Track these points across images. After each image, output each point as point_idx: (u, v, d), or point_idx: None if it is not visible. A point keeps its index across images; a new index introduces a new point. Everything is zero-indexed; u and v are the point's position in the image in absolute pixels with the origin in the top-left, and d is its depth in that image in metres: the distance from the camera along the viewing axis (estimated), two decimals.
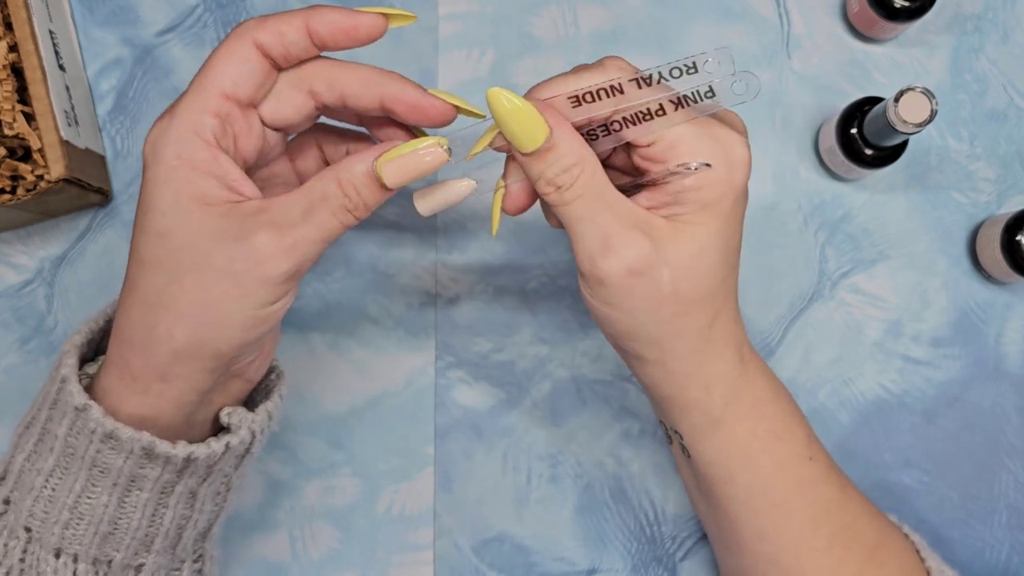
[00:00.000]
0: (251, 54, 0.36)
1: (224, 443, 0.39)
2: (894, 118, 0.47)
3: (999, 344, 0.55)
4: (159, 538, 0.39)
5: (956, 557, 0.53)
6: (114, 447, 0.37)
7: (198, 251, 0.35)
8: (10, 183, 0.49)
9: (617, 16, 0.56)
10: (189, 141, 0.35)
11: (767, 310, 0.55)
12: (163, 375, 0.37)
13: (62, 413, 0.37)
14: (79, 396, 0.37)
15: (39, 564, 0.38)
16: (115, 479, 0.37)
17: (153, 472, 0.38)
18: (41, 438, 0.39)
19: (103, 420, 0.36)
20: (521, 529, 0.53)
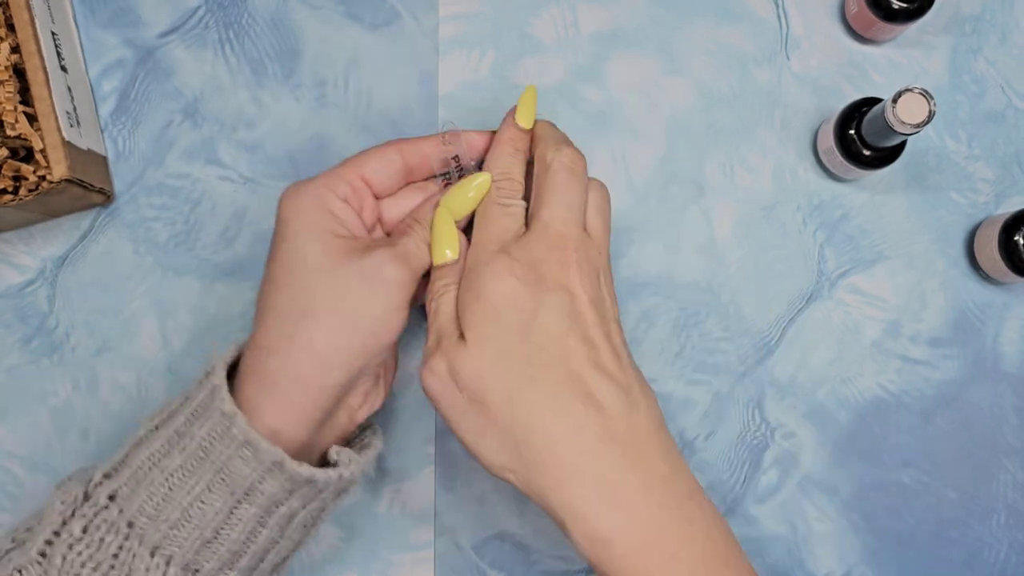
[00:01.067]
0: (393, 156, 0.45)
1: (338, 473, 0.41)
2: (892, 119, 0.47)
3: (997, 344, 0.55)
4: (247, 557, 0.40)
5: (954, 557, 0.53)
6: (246, 457, 0.39)
7: (329, 266, 0.41)
8: (12, 183, 0.49)
9: (617, 17, 0.57)
10: (324, 193, 0.43)
11: (766, 310, 0.55)
12: (299, 382, 0.40)
13: (206, 417, 0.39)
14: (228, 404, 0.39)
15: (133, 560, 0.39)
16: (234, 488, 0.39)
17: (270, 488, 0.39)
18: (172, 439, 0.40)
19: (246, 428, 0.39)
20: (521, 528, 0.53)
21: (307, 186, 0.43)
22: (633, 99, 0.56)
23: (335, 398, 0.42)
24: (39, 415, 0.53)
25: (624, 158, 0.56)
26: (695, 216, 0.55)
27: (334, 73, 0.56)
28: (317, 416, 0.41)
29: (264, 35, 0.56)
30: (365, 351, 0.41)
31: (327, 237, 0.42)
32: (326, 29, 0.56)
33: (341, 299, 0.41)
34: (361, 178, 0.44)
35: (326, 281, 0.41)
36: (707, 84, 0.56)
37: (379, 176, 0.45)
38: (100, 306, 0.54)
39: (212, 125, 0.55)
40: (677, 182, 0.56)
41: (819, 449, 0.54)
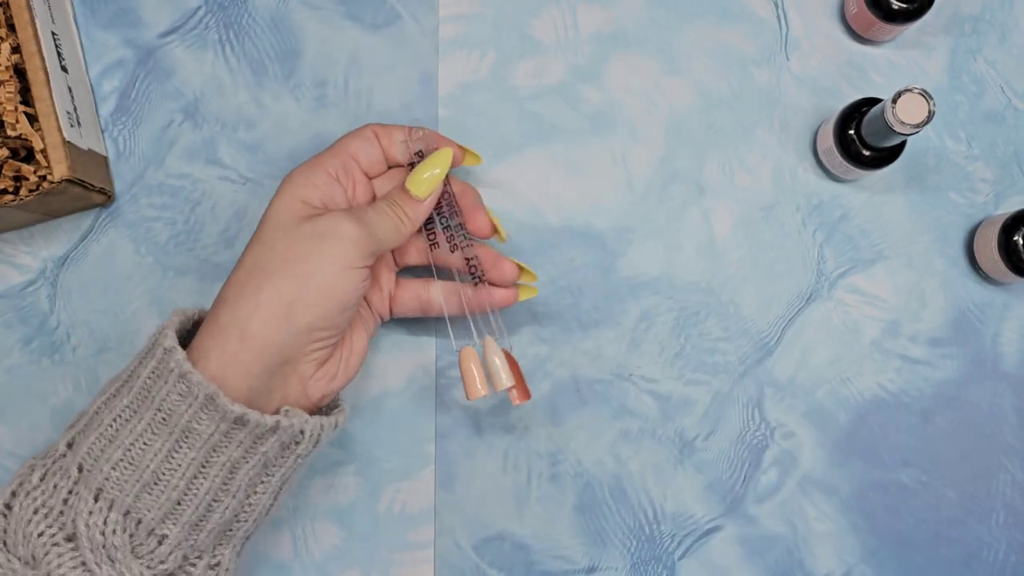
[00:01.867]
0: (372, 138, 0.48)
1: (275, 420, 0.41)
2: (892, 119, 0.47)
3: (996, 344, 0.55)
4: (189, 509, 0.41)
5: (954, 556, 0.53)
6: (183, 392, 0.40)
7: (290, 224, 0.43)
8: (13, 184, 0.49)
9: (616, 17, 0.57)
10: (313, 169, 0.46)
11: (765, 310, 0.55)
12: (243, 331, 0.41)
13: (151, 356, 0.41)
14: (170, 339, 0.41)
15: (79, 504, 0.40)
16: (172, 427, 0.40)
17: (207, 428, 0.40)
18: (125, 382, 0.42)
19: (182, 362, 0.40)
20: (521, 527, 0.53)
21: (302, 164, 0.46)
22: (633, 99, 0.56)
23: (279, 355, 0.42)
24: (39, 415, 0.53)
25: (624, 158, 0.56)
26: (695, 216, 0.55)
27: (334, 73, 0.56)
28: (258, 371, 0.42)
29: (264, 35, 0.56)
30: (313, 308, 0.42)
31: (297, 204, 0.44)
32: (326, 30, 0.56)
33: (294, 253, 0.42)
34: (349, 155, 0.47)
35: (284, 237, 0.43)
36: (707, 84, 0.56)
37: (363, 153, 0.48)
38: (101, 306, 0.54)
39: (212, 125, 0.55)
40: (677, 182, 0.56)
41: (819, 449, 0.54)
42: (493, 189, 0.55)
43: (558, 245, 0.55)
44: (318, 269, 0.42)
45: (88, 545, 0.40)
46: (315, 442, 0.43)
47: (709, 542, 0.53)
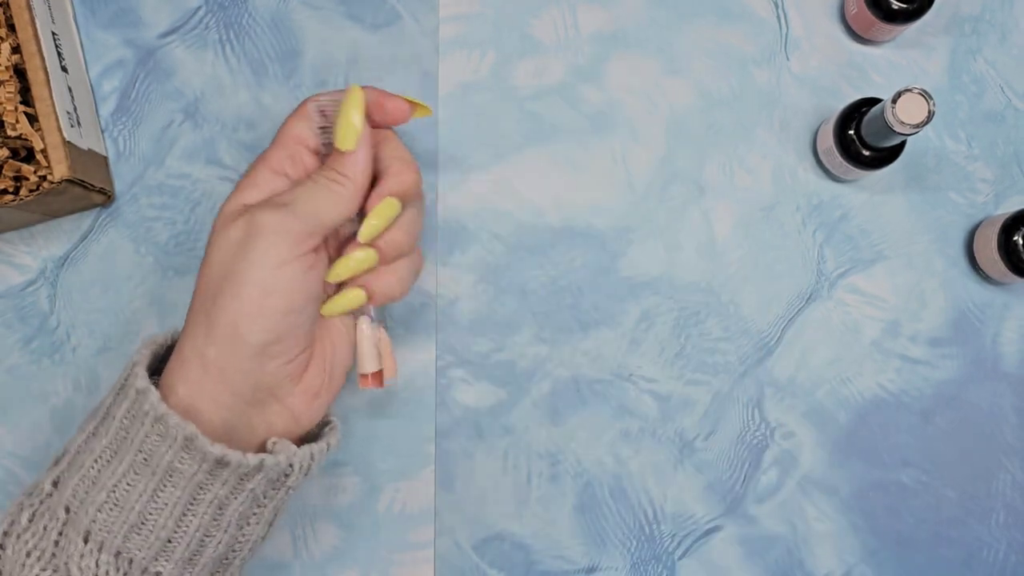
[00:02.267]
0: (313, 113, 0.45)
1: (260, 459, 0.40)
2: (892, 119, 0.47)
3: (996, 344, 0.55)
4: (180, 546, 0.40)
5: (954, 556, 0.53)
6: (161, 433, 0.38)
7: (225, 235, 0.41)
8: (13, 184, 0.49)
9: (616, 17, 0.57)
10: (254, 167, 0.44)
11: (765, 310, 0.55)
12: (203, 360, 0.40)
13: (125, 395, 0.40)
14: (141, 380, 0.39)
15: (70, 546, 0.39)
16: (155, 468, 0.39)
17: (189, 468, 0.39)
18: (102, 420, 0.40)
19: (157, 404, 0.38)
20: (521, 527, 0.53)
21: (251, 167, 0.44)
22: (633, 99, 0.56)
23: (244, 380, 0.40)
24: (40, 415, 0.53)
25: (624, 158, 0.56)
26: (695, 216, 0.55)
27: (334, 73, 0.56)
28: (228, 401, 0.40)
29: (264, 35, 0.56)
30: (255, 321, 0.40)
31: (237, 209, 0.42)
32: (326, 30, 0.56)
33: (227, 266, 0.40)
34: (293, 141, 0.44)
35: (219, 251, 0.41)
36: (707, 84, 0.56)
37: (308, 133, 0.45)
38: (101, 306, 0.54)
39: (212, 125, 0.55)
40: (677, 182, 0.56)
41: (819, 449, 0.54)
42: (494, 189, 0.55)
43: (558, 245, 0.55)
44: (247, 277, 0.39)
45: None
46: (306, 471, 0.42)
47: (709, 542, 0.53)
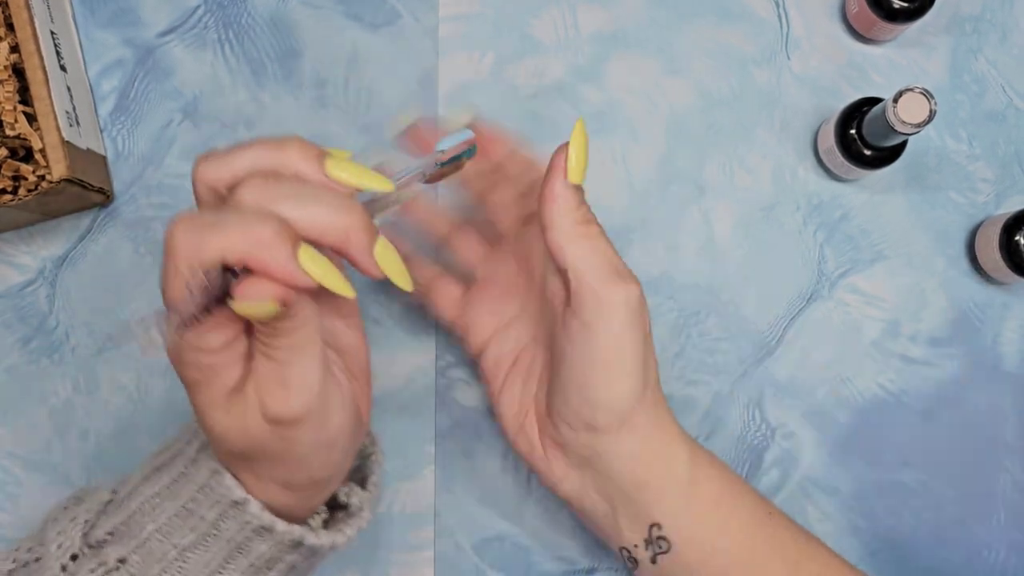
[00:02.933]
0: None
1: (356, 528, 0.40)
2: (893, 119, 0.47)
3: (997, 344, 0.55)
4: None
5: (954, 557, 0.53)
6: (264, 537, 0.37)
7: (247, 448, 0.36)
8: (12, 183, 0.49)
9: (616, 17, 0.57)
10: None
11: (766, 310, 0.55)
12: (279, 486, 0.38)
13: (214, 501, 0.37)
14: (237, 491, 0.37)
15: None
16: (253, 560, 0.38)
17: (291, 557, 0.39)
18: (181, 516, 0.38)
19: (260, 514, 0.37)
20: (521, 528, 0.53)
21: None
22: (633, 99, 0.56)
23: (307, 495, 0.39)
24: (39, 415, 0.53)
25: (624, 158, 0.56)
26: (695, 216, 0.55)
27: (334, 73, 0.56)
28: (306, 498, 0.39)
29: (264, 35, 0.56)
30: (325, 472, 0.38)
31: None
32: (326, 29, 0.56)
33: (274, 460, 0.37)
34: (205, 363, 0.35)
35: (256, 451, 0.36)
36: (707, 84, 0.56)
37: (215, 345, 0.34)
38: (100, 306, 0.54)
39: (212, 125, 0.55)
40: (677, 182, 0.56)
41: (819, 449, 0.54)
42: None
43: None
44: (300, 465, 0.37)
45: None
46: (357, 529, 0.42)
47: None
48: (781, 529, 0.44)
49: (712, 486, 0.43)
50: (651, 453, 0.42)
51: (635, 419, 0.42)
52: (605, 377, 0.41)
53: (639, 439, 0.42)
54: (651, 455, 0.42)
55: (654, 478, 0.42)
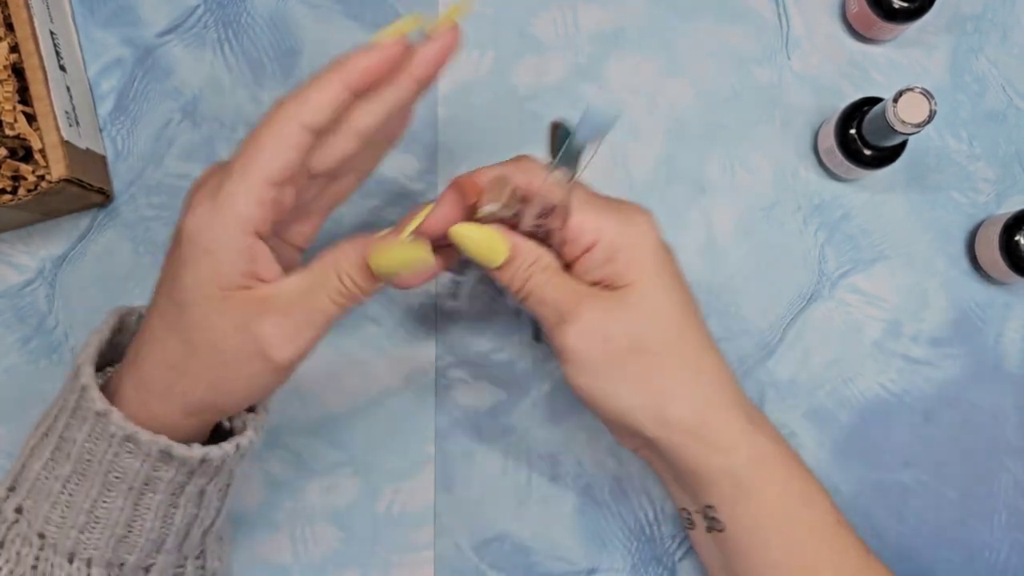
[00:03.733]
0: (298, 139, 0.37)
1: (235, 444, 0.40)
2: (893, 118, 0.47)
3: (998, 344, 0.55)
4: (170, 538, 0.41)
5: (955, 557, 0.53)
6: (132, 451, 0.38)
7: (214, 332, 0.38)
8: (11, 183, 0.49)
9: (617, 17, 0.57)
10: (229, 234, 0.37)
11: (766, 310, 0.55)
12: (178, 420, 0.40)
13: (82, 419, 0.39)
14: (100, 402, 0.38)
15: (53, 570, 0.39)
16: (131, 483, 0.39)
17: (167, 474, 0.39)
18: (59, 446, 0.40)
19: (123, 424, 0.38)
20: (521, 528, 0.53)
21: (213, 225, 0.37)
22: (633, 99, 0.56)
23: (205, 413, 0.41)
24: (38, 416, 0.53)
25: (624, 158, 0.56)
26: (695, 216, 0.55)
27: None
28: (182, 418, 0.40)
29: (263, 34, 0.56)
30: (245, 404, 0.41)
31: (214, 298, 0.38)
32: (325, 29, 0.56)
33: (222, 370, 0.38)
34: (267, 183, 0.37)
35: (209, 349, 0.38)
36: (707, 84, 0.56)
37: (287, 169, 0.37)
38: (99, 306, 0.54)
39: (211, 124, 0.55)
40: (677, 182, 0.55)
41: (819, 449, 0.54)
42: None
43: None
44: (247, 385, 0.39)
45: None
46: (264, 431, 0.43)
47: None
48: (846, 541, 0.43)
49: (775, 489, 0.42)
50: (698, 441, 0.41)
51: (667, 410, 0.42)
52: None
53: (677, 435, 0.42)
54: (699, 443, 0.42)
55: (710, 472, 0.42)
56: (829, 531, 0.43)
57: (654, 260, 0.42)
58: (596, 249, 0.41)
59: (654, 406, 0.41)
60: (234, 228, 0.37)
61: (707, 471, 0.42)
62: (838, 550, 0.43)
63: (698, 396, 0.42)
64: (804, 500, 0.43)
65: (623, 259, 0.41)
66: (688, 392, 0.41)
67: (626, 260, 0.41)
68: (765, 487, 0.42)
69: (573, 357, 0.41)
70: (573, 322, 0.40)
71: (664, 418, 0.41)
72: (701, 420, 0.41)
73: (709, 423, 0.42)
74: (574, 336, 0.40)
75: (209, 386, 0.39)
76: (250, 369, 0.38)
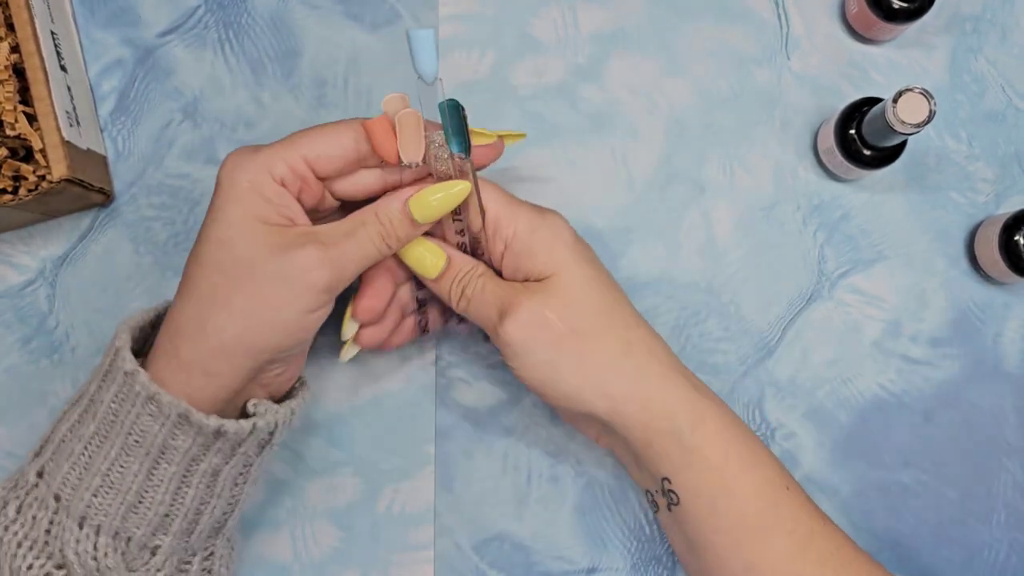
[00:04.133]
0: (351, 142, 0.42)
1: (252, 423, 0.41)
2: (893, 119, 0.47)
3: (997, 344, 0.55)
4: (178, 519, 0.41)
5: (954, 557, 0.53)
6: (153, 413, 0.39)
7: (255, 259, 0.40)
8: (12, 183, 0.49)
9: (616, 17, 0.57)
10: (262, 175, 0.41)
11: (766, 310, 0.55)
12: (207, 368, 0.40)
13: (111, 380, 0.40)
14: (130, 363, 0.40)
15: (64, 534, 0.40)
16: (148, 448, 0.40)
17: (184, 443, 0.40)
18: (87, 408, 0.41)
19: (148, 384, 0.39)
20: (521, 528, 0.53)
21: (246, 165, 0.41)
22: (633, 99, 0.56)
23: (243, 381, 0.42)
24: (39, 415, 0.53)
25: (624, 158, 0.56)
26: (695, 216, 0.55)
27: (334, 73, 0.56)
28: (226, 396, 0.41)
29: (264, 35, 0.56)
30: (276, 347, 0.41)
31: (257, 227, 0.40)
32: (326, 29, 0.56)
33: (259, 295, 0.40)
34: (304, 160, 0.41)
35: (247, 274, 0.40)
36: (707, 84, 0.56)
37: (325, 161, 0.42)
38: (100, 306, 0.54)
39: (212, 125, 0.55)
40: (677, 182, 0.56)
41: (819, 449, 0.54)
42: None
43: None
44: (282, 315, 0.40)
45: (81, 571, 0.40)
46: (288, 427, 0.44)
47: None
48: (795, 504, 0.44)
49: (718, 450, 0.43)
50: (642, 410, 0.44)
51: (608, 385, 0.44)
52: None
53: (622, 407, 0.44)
54: (642, 412, 0.44)
55: (656, 437, 0.44)
56: (779, 494, 0.44)
57: (571, 250, 0.45)
58: (515, 241, 0.44)
59: (596, 383, 0.43)
60: (265, 172, 0.40)
61: (656, 439, 0.43)
62: (788, 514, 0.43)
63: (633, 368, 0.44)
64: (750, 462, 0.44)
65: (541, 251, 0.44)
66: (624, 365, 0.44)
67: (545, 252, 0.44)
68: (708, 448, 0.43)
69: (517, 349, 0.43)
70: (512, 315, 0.43)
71: (607, 393, 0.43)
72: (641, 389, 0.44)
73: (649, 391, 0.44)
74: (514, 328, 0.43)
75: (242, 315, 0.40)
76: (285, 294, 0.40)
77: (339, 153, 0.42)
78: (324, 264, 0.40)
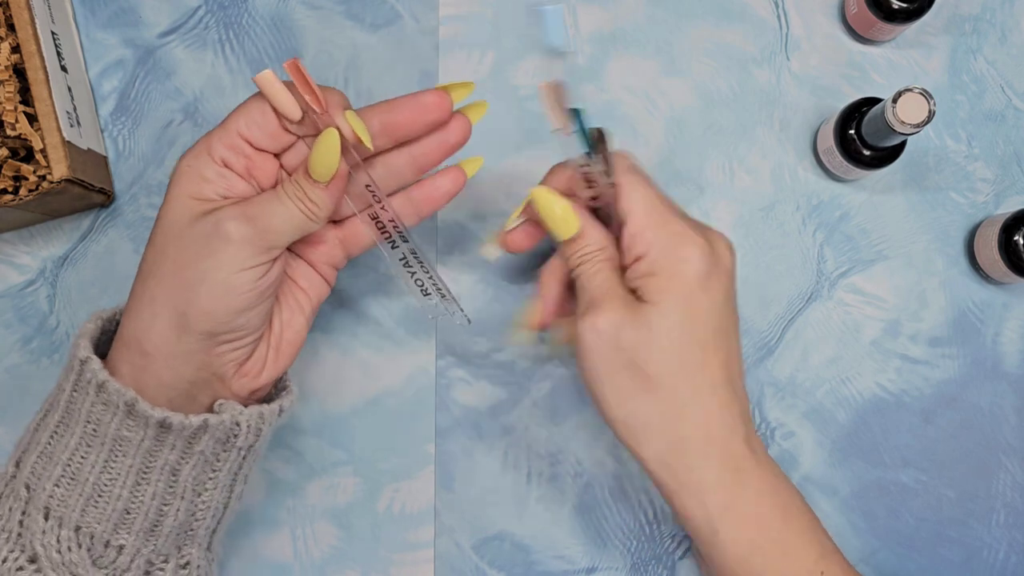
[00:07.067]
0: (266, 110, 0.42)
1: (203, 419, 0.40)
2: (892, 119, 0.47)
3: (997, 344, 0.55)
4: (139, 517, 0.41)
5: (954, 557, 0.53)
6: (105, 401, 0.39)
7: (180, 224, 0.40)
8: (13, 184, 0.49)
9: (616, 17, 0.57)
10: (200, 158, 0.41)
11: (766, 310, 0.55)
12: (143, 347, 0.40)
13: (68, 369, 0.41)
14: (83, 350, 0.40)
15: (33, 525, 0.40)
16: (103, 438, 0.40)
17: (136, 435, 0.40)
18: (55, 398, 0.42)
19: (98, 372, 0.39)
20: (521, 527, 0.53)
21: (189, 152, 0.42)
22: (633, 99, 0.56)
23: (186, 364, 0.40)
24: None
25: None
26: (695, 216, 0.55)
27: (334, 73, 0.56)
28: (170, 381, 0.40)
29: (264, 35, 0.56)
30: (210, 313, 0.40)
31: (188, 201, 0.41)
32: (326, 29, 0.56)
33: (182, 258, 0.40)
34: (239, 135, 0.41)
35: (175, 240, 0.40)
36: (707, 84, 0.56)
37: (256, 129, 0.42)
38: (100, 306, 0.54)
39: (212, 125, 0.55)
40: (677, 182, 0.56)
41: (819, 449, 0.54)
42: (493, 189, 0.55)
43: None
44: (205, 275, 0.39)
45: (49, 565, 0.40)
46: (257, 433, 0.42)
47: None
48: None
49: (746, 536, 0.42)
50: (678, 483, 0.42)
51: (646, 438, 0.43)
52: None
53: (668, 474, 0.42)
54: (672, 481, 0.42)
55: (683, 509, 0.42)
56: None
57: (686, 290, 0.42)
58: (642, 261, 0.43)
59: (634, 427, 0.42)
60: (205, 156, 0.41)
61: (680, 508, 0.42)
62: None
63: (674, 434, 0.42)
64: (781, 550, 0.42)
65: (660, 279, 0.42)
66: (665, 429, 0.42)
67: (664, 280, 0.42)
68: (733, 534, 0.42)
69: (581, 346, 0.43)
70: (594, 316, 0.42)
71: (639, 442, 0.42)
72: (674, 459, 0.42)
73: (681, 464, 0.42)
74: (588, 329, 0.42)
75: (170, 278, 0.40)
76: (204, 251, 0.39)
77: (265, 119, 0.41)
78: (239, 217, 0.40)
